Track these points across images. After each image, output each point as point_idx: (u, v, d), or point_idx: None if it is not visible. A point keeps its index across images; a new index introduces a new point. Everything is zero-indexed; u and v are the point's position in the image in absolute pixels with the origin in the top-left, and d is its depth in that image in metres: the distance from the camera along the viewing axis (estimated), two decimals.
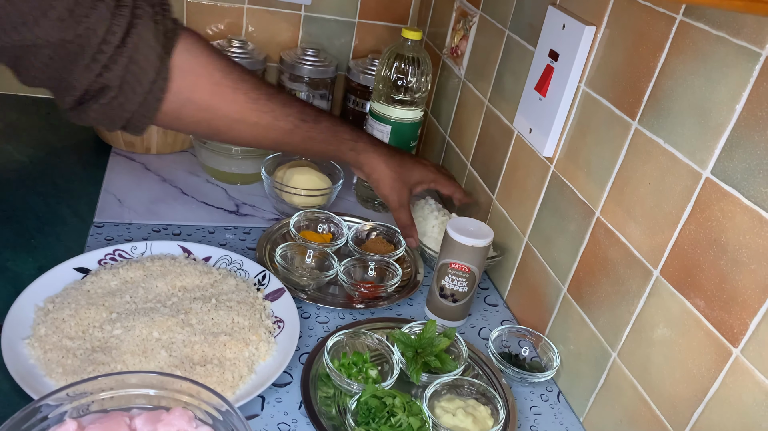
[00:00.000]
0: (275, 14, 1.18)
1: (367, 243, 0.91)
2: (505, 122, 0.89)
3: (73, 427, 0.48)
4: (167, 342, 0.66)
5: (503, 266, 0.88)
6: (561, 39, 0.74)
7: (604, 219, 0.68)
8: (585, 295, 0.71)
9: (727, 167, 0.53)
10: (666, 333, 0.59)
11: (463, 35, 1.03)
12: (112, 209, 0.89)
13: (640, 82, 0.63)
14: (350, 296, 0.82)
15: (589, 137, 0.71)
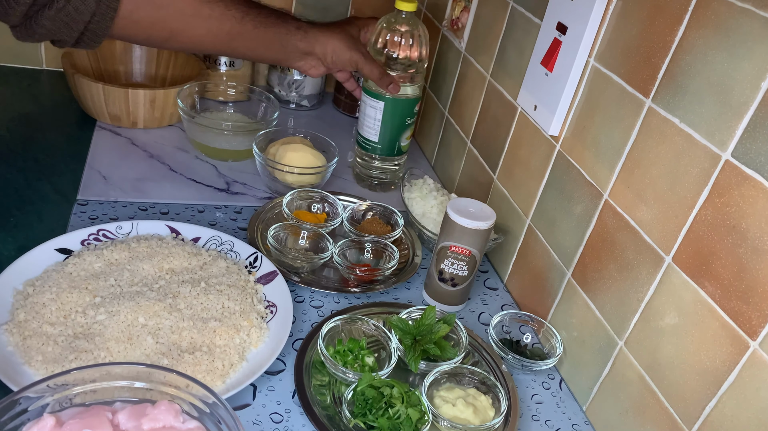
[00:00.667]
0: None
1: (363, 224, 0.87)
2: (508, 98, 0.85)
3: (51, 423, 0.45)
4: (154, 328, 0.63)
5: (504, 249, 0.85)
6: (570, 11, 0.70)
7: (612, 202, 0.65)
8: (590, 280, 0.68)
9: (749, 149, 0.50)
10: (677, 323, 0.56)
11: (464, 7, 0.98)
12: (97, 186, 0.85)
13: (655, 58, 0.59)
14: (345, 279, 0.79)
15: (599, 115, 0.67)
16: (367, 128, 0.92)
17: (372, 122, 0.91)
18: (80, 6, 0.65)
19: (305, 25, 0.87)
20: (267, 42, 0.84)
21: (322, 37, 0.87)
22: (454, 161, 1.02)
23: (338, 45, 0.88)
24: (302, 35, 0.86)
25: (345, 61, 0.88)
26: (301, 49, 0.87)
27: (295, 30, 0.86)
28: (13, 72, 1.10)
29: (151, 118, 0.99)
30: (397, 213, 0.87)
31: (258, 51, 0.87)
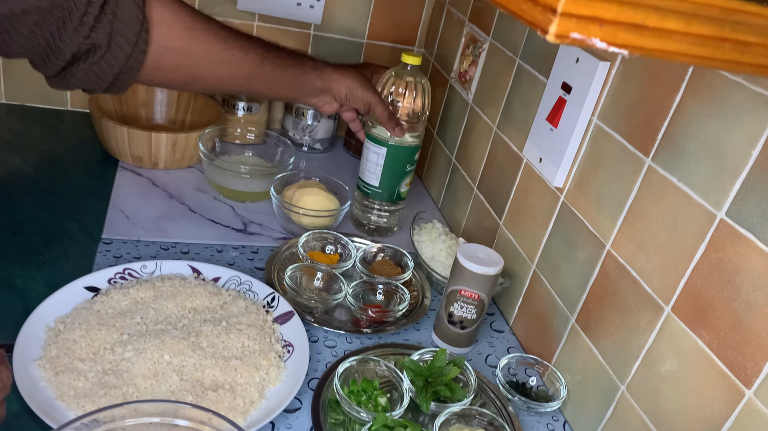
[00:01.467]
0: (285, 32, 1.19)
1: (374, 265, 0.91)
2: (514, 148, 0.90)
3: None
4: (178, 365, 0.66)
5: (510, 293, 0.89)
6: (574, 72, 0.75)
7: (614, 252, 0.69)
8: (594, 326, 0.72)
9: (742, 210, 0.54)
10: (677, 370, 0.60)
11: (472, 61, 1.04)
12: (120, 225, 0.89)
13: (654, 120, 0.64)
14: (357, 319, 0.82)
15: (601, 170, 0.72)
16: (369, 173, 0.97)
17: (374, 167, 0.96)
18: (112, 60, 0.69)
19: (321, 64, 0.92)
20: (285, 82, 0.88)
21: (337, 76, 0.92)
22: (460, 206, 1.06)
23: (353, 84, 0.92)
24: (318, 74, 0.91)
25: (359, 99, 0.92)
26: (317, 87, 0.91)
27: (311, 70, 0.90)
28: (39, 112, 1.15)
29: (171, 159, 1.03)
30: (408, 255, 0.91)
31: (276, 90, 0.91)
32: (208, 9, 1.13)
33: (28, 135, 1.08)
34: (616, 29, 0.27)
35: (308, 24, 1.19)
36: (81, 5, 0.63)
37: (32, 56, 0.68)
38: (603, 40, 0.27)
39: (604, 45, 0.27)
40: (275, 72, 0.85)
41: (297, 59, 0.89)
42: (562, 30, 0.26)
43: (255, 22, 1.17)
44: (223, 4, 1.14)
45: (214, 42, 0.78)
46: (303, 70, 0.89)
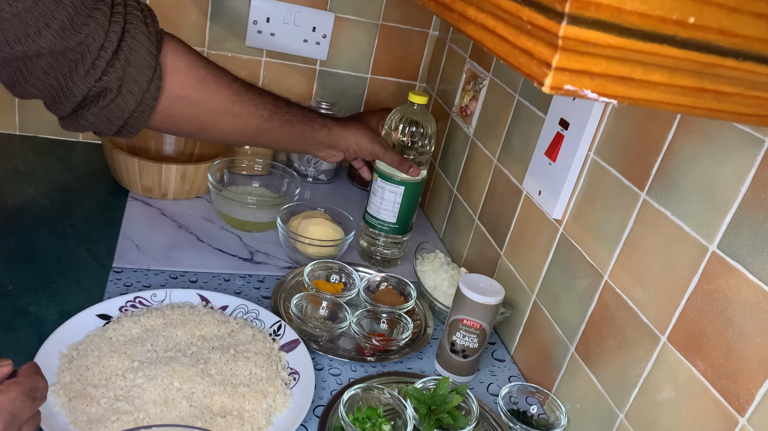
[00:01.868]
0: (291, 68, 1.23)
1: (378, 294, 0.93)
2: (514, 181, 0.93)
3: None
4: (188, 392, 0.67)
5: (511, 322, 0.90)
6: (572, 109, 0.78)
7: (612, 283, 0.71)
8: (593, 355, 0.73)
9: (733, 243, 0.56)
10: (673, 398, 0.61)
11: (473, 96, 1.08)
12: (131, 254, 0.91)
13: (648, 156, 0.67)
14: (361, 348, 0.84)
15: (598, 203, 0.74)
16: (386, 212, 0.99)
17: (391, 206, 0.98)
18: (122, 104, 0.70)
19: (330, 121, 0.93)
20: (292, 138, 0.90)
21: (345, 133, 0.94)
22: (462, 236, 1.08)
23: (361, 139, 0.95)
24: (326, 132, 0.92)
25: (366, 152, 0.95)
26: (324, 143, 0.93)
27: (320, 127, 0.91)
28: (52, 143, 1.18)
29: (180, 190, 1.06)
30: (410, 285, 0.93)
31: (283, 145, 0.93)
32: (218, 45, 1.17)
33: (41, 166, 1.11)
34: (605, 81, 0.30)
35: (314, 60, 1.23)
36: (94, 49, 0.65)
37: (45, 98, 0.69)
38: (594, 91, 0.30)
39: (595, 96, 0.30)
40: (283, 127, 0.87)
41: (306, 116, 0.90)
42: (557, 83, 0.29)
43: (263, 57, 1.21)
44: (233, 41, 1.18)
45: (226, 94, 0.80)
46: (311, 127, 0.91)
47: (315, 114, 0.93)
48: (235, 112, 0.81)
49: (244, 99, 0.82)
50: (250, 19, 1.16)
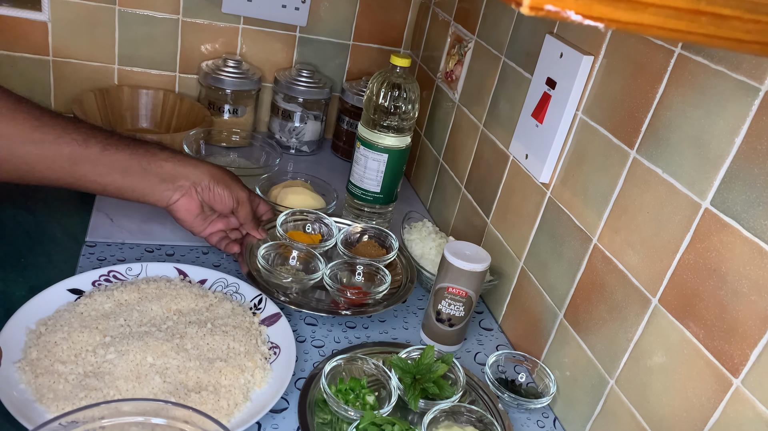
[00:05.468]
0: (270, 35, 1.19)
1: (358, 247, 0.90)
2: (501, 146, 0.90)
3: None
4: (161, 367, 0.64)
5: (498, 290, 0.88)
6: (558, 67, 0.75)
7: (601, 246, 0.69)
8: (582, 321, 0.71)
9: (726, 199, 0.54)
10: (665, 361, 0.59)
11: (458, 60, 1.04)
12: (104, 228, 0.88)
13: (638, 112, 0.64)
14: (336, 301, 0.81)
15: (587, 164, 0.72)
16: (369, 181, 0.96)
17: (374, 174, 0.95)
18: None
19: (174, 151, 0.79)
20: (122, 166, 0.73)
21: (195, 161, 0.79)
22: (449, 205, 1.06)
23: (218, 174, 0.79)
24: (169, 155, 0.77)
25: (225, 193, 0.79)
26: (167, 171, 0.76)
27: (159, 150, 0.76)
28: None
29: None
30: (392, 236, 0.90)
31: (112, 177, 0.74)
32: (193, 12, 1.13)
33: None
34: (591, 1, 0.27)
35: (294, 26, 1.19)
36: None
37: None
38: (578, 12, 0.27)
39: (579, 18, 0.27)
40: (106, 153, 0.72)
41: (138, 142, 0.76)
42: (537, 2, 0.26)
43: (240, 24, 1.16)
44: (208, 7, 1.13)
45: (23, 121, 0.68)
46: (146, 150, 0.75)
47: (156, 144, 0.78)
48: (36, 138, 0.69)
49: (48, 124, 0.70)
50: None
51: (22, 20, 1.07)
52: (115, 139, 0.74)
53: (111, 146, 0.73)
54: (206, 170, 0.79)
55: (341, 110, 1.22)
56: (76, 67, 1.13)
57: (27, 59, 1.10)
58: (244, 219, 0.84)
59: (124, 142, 0.75)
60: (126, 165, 0.74)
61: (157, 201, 0.78)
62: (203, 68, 1.14)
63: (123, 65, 1.15)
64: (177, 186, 0.78)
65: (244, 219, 0.84)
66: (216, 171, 0.80)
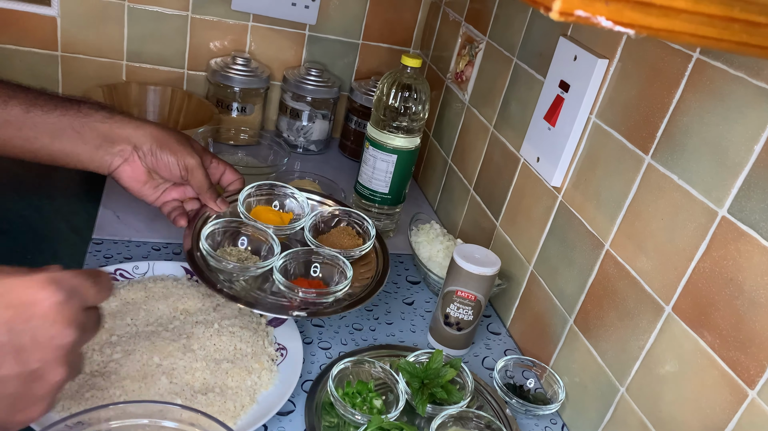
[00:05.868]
0: (279, 32, 1.18)
1: (331, 233, 0.81)
2: (511, 149, 0.89)
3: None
4: (168, 367, 0.64)
5: (507, 294, 0.87)
6: (572, 70, 0.74)
7: (613, 252, 0.68)
8: (592, 327, 0.70)
9: (744, 207, 0.53)
10: (678, 371, 0.59)
11: (469, 61, 1.03)
12: (111, 225, 0.87)
13: (653, 117, 0.63)
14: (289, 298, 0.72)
15: (600, 168, 0.71)
16: (377, 181, 0.95)
17: (383, 175, 0.94)
18: None
19: (113, 110, 0.71)
20: (51, 129, 0.66)
21: (137, 122, 0.71)
22: (456, 207, 1.05)
23: (163, 136, 0.71)
24: (105, 116, 0.69)
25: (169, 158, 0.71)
26: (104, 134, 0.68)
27: (93, 111, 0.68)
28: None
29: None
30: (370, 223, 0.81)
31: (41, 142, 0.67)
32: (203, 8, 1.12)
33: None
34: (622, 7, 0.26)
35: (303, 24, 1.18)
36: None
37: None
38: (609, 18, 0.26)
39: (610, 24, 0.26)
40: (30, 114, 0.64)
41: (70, 100, 0.68)
42: (567, 7, 0.25)
43: (249, 22, 1.16)
44: (218, 4, 1.13)
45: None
46: (78, 111, 0.67)
47: (88, 101, 0.71)
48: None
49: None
50: None
51: (31, 15, 1.07)
52: (43, 99, 0.66)
53: (36, 106, 0.65)
54: (148, 132, 0.70)
55: (349, 109, 1.21)
56: (84, 62, 1.12)
57: (35, 54, 1.10)
58: (198, 188, 0.76)
59: (53, 101, 0.67)
60: (55, 128, 0.66)
61: (97, 168, 0.71)
62: (212, 66, 1.13)
63: (131, 61, 1.14)
64: (117, 151, 0.70)
65: (198, 188, 0.76)
66: (160, 133, 0.71)
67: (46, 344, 0.44)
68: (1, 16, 1.05)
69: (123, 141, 0.70)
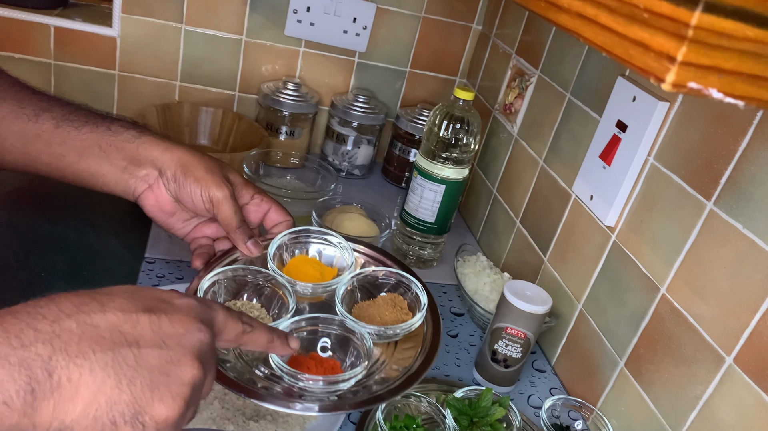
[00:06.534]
0: (329, 59, 1.20)
1: (375, 302, 0.69)
2: (562, 184, 0.88)
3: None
4: (220, 391, 0.65)
5: (553, 332, 0.87)
6: (630, 111, 0.74)
7: (670, 297, 0.67)
8: (645, 372, 0.69)
9: None
10: (738, 424, 0.57)
11: (519, 93, 1.03)
12: (163, 244, 0.89)
13: (717, 164, 0.63)
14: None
15: (657, 211, 0.70)
16: (424, 210, 0.95)
17: (430, 205, 0.94)
18: None
19: (144, 129, 0.66)
20: (79, 146, 0.62)
21: (166, 144, 0.65)
22: (501, 238, 1.04)
23: (190, 161, 0.64)
24: (134, 135, 0.64)
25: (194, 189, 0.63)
26: (129, 155, 0.63)
27: (123, 129, 0.64)
28: None
29: None
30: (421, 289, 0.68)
31: (68, 159, 0.63)
32: (257, 33, 1.15)
33: None
34: (734, 80, 0.26)
35: (353, 52, 1.20)
36: None
37: None
38: (720, 90, 0.26)
39: (721, 95, 0.26)
40: (60, 129, 0.61)
41: (103, 116, 0.65)
42: (680, 79, 0.25)
43: (301, 48, 1.18)
44: (271, 29, 1.15)
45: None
46: (108, 128, 0.63)
47: (121, 118, 0.67)
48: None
49: (7, 99, 0.61)
50: (290, 8, 1.13)
51: (93, 35, 1.10)
52: (76, 114, 0.63)
53: (67, 121, 0.62)
54: (176, 156, 0.63)
55: (394, 136, 1.22)
56: (139, 81, 1.16)
57: (94, 72, 1.13)
58: (225, 226, 0.66)
59: (85, 117, 0.63)
60: (83, 145, 0.62)
61: (123, 193, 0.66)
62: (263, 89, 1.15)
63: (184, 82, 1.17)
64: (143, 175, 0.65)
65: (225, 226, 0.66)
66: (188, 158, 0.64)
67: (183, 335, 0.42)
68: (66, 35, 1.09)
69: (149, 164, 0.65)
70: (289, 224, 0.72)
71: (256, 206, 0.71)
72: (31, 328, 0.38)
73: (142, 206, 0.68)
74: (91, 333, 0.39)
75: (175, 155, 0.64)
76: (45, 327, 0.38)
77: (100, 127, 0.63)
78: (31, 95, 0.64)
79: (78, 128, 0.63)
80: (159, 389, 0.40)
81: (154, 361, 0.40)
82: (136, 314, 0.42)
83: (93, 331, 0.39)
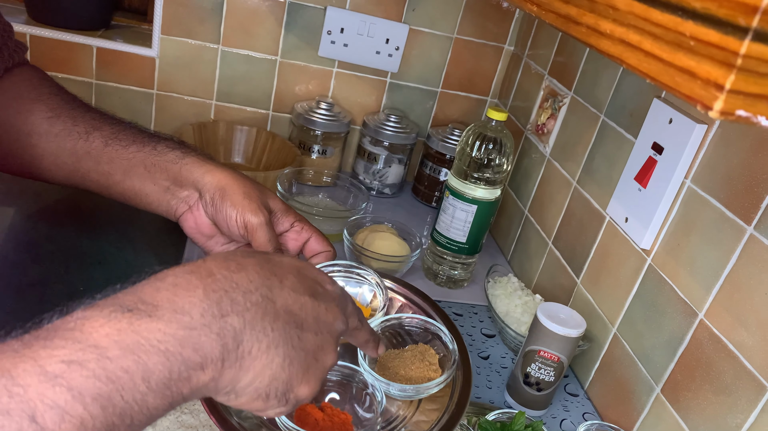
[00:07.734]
0: (362, 79, 1.21)
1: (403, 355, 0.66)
2: (596, 206, 0.88)
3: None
4: None
5: (587, 355, 0.85)
6: (667, 133, 0.73)
7: (708, 323, 0.66)
8: (683, 399, 0.68)
9: None
10: None
11: (551, 114, 1.03)
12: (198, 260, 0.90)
13: (758, 188, 0.61)
14: None
15: (694, 234, 0.69)
16: (456, 230, 0.95)
17: (462, 225, 0.94)
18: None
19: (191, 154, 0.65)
20: (126, 165, 0.64)
21: (209, 165, 0.64)
22: (532, 259, 1.04)
23: (230, 184, 0.63)
24: (179, 155, 0.64)
25: (230, 213, 0.62)
26: (173, 176, 0.64)
27: (168, 150, 0.65)
28: None
29: None
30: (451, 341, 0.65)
31: (115, 177, 0.64)
32: (291, 54, 1.17)
33: None
34: None
35: (385, 72, 1.21)
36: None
37: None
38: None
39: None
40: (108, 148, 0.63)
41: (150, 134, 0.66)
42: (728, 107, 0.25)
43: (334, 68, 1.20)
44: (306, 50, 1.17)
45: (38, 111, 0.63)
46: (154, 148, 0.64)
47: (167, 137, 0.68)
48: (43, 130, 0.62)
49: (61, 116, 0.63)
50: (324, 29, 1.15)
51: (133, 55, 1.13)
52: (125, 133, 0.64)
53: (115, 140, 0.63)
54: (216, 179, 0.63)
55: (425, 155, 1.22)
56: (176, 100, 1.18)
57: (133, 91, 1.17)
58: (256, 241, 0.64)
59: (132, 136, 0.64)
60: (129, 164, 0.63)
61: (165, 213, 0.67)
62: (297, 109, 1.17)
63: (220, 101, 1.20)
64: (184, 196, 0.65)
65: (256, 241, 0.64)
66: (229, 181, 0.63)
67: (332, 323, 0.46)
68: (107, 56, 1.13)
69: (190, 186, 0.64)
70: (329, 256, 0.69)
71: (296, 234, 0.70)
72: (228, 298, 0.40)
73: (183, 227, 0.69)
74: (270, 309, 0.42)
75: (215, 178, 0.64)
76: (239, 298, 0.41)
77: (147, 146, 0.65)
78: (85, 113, 0.66)
79: (125, 146, 0.64)
80: (308, 372, 0.43)
81: (311, 345, 0.44)
82: (303, 296, 0.44)
83: (272, 307, 0.42)
